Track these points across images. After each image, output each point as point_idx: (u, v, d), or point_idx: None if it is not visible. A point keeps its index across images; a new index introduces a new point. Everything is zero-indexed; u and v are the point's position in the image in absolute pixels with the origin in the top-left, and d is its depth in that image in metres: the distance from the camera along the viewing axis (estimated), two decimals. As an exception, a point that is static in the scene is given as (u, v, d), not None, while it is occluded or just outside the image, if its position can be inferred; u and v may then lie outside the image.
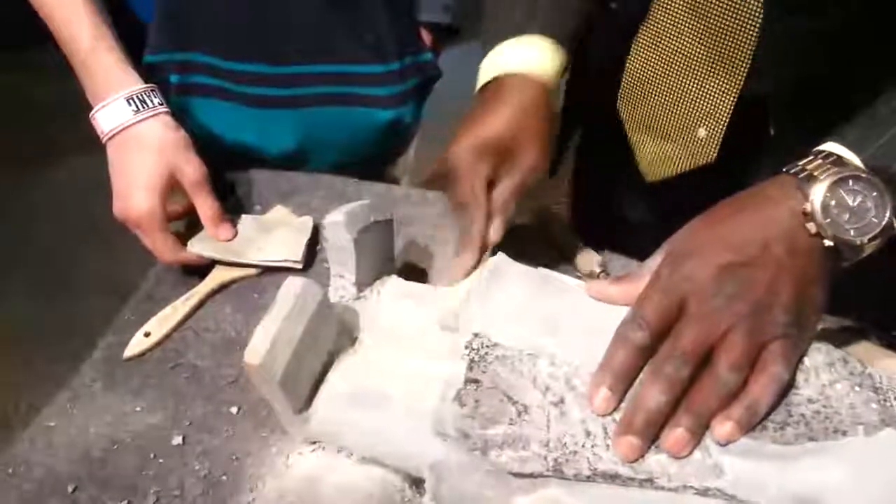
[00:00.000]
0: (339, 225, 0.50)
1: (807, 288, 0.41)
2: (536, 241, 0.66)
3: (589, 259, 0.63)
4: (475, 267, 0.52)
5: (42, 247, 1.86)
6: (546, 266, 0.52)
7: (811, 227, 0.41)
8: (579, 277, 0.61)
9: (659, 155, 0.67)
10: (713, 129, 0.62)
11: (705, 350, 0.40)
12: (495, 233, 0.53)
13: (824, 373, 0.41)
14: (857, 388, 0.41)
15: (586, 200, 0.88)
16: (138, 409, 0.52)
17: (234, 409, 0.52)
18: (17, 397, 1.45)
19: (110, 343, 0.58)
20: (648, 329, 0.41)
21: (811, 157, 0.43)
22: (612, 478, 0.39)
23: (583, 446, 0.40)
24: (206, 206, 0.63)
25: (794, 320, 0.40)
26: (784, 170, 0.44)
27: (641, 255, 0.61)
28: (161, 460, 0.49)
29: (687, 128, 0.64)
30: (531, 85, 0.55)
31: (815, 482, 0.37)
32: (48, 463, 0.49)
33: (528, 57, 0.56)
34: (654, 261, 0.45)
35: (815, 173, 0.41)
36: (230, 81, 0.76)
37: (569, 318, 0.47)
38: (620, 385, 0.41)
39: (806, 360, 0.42)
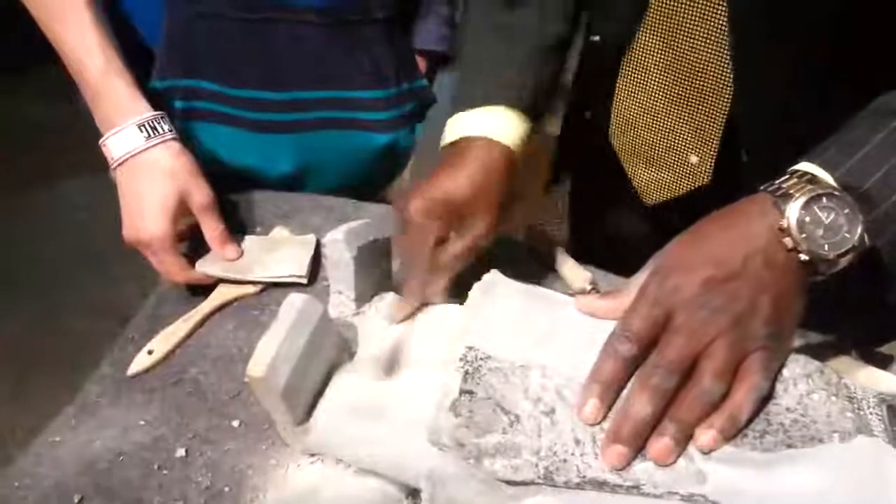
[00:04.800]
0: (339, 242, 0.52)
1: (784, 301, 0.43)
2: (528, 259, 0.68)
3: (579, 276, 0.65)
4: (408, 317, 0.53)
5: (38, 268, 1.87)
6: (537, 283, 0.54)
7: (788, 242, 0.43)
8: (570, 294, 0.63)
9: (654, 181, 0.69)
10: (705, 155, 0.64)
11: (690, 361, 0.42)
12: (434, 292, 0.54)
13: (802, 383, 0.43)
14: (833, 398, 0.42)
15: (584, 220, 0.90)
16: (142, 422, 0.54)
17: (235, 423, 0.54)
18: (13, 419, 1.46)
19: (115, 360, 0.59)
20: (635, 341, 0.43)
21: (787, 176, 0.46)
22: (601, 485, 0.41)
23: (572, 454, 0.41)
24: (213, 228, 0.66)
25: (773, 332, 0.42)
26: (762, 188, 0.46)
27: (636, 269, 0.63)
28: (165, 472, 0.50)
29: (679, 156, 0.66)
30: (494, 149, 0.58)
31: (794, 487, 0.39)
32: (54, 475, 0.50)
33: (493, 124, 0.59)
34: (641, 276, 0.47)
35: (791, 191, 0.44)
36: (232, 107, 0.78)
37: (559, 332, 0.48)
38: (608, 395, 0.43)
39: (785, 371, 0.44)
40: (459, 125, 0.60)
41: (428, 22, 0.87)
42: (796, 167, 0.47)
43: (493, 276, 0.53)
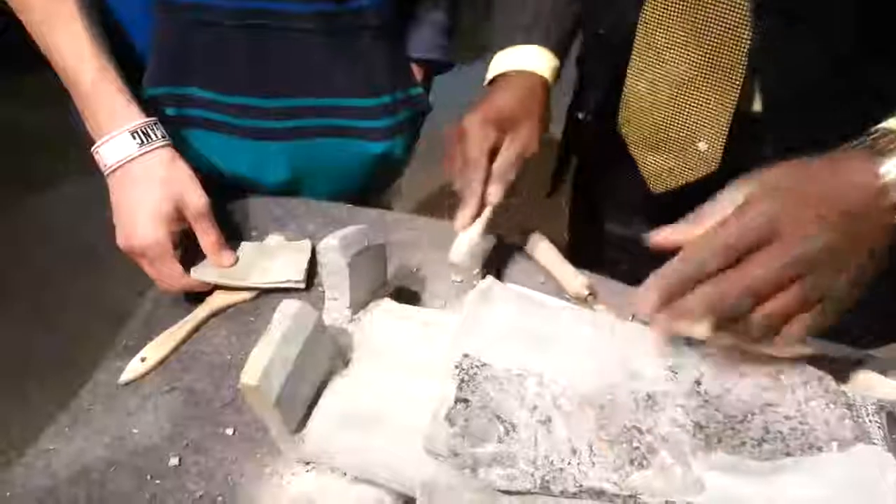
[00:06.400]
0: (333, 249, 0.52)
1: (868, 259, 0.42)
2: (526, 264, 0.68)
3: (577, 281, 0.64)
4: (472, 220, 0.60)
5: (33, 273, 1.87)
6: (535, 288, 0.54)
7: (892, 197, 0.42)
8: (567, 299, 0.62)
9: (663, 168, 0.69)
10: (713, 142, 0.64)
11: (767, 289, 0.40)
12: (493, 195, 0.60)
13: (801, 390, 0.43)
14: (831, 406, 0.42)
15: (584, 221, 0.89)
16: (136, 431, 0.53)
17: (229, 431, 0.53)
18: (9, 423, 1.45)
19: (109, 368, 0.59)
20: (723, 260, 0.41)
21: (878, 134, 0.44)
22: (598, 494, 0.40)
23: (569, 463, 0.41)
24: (208, 235, 0.65)
25: (846, 290, 0.42)
26: (854, 144, 0.45)
27: (634, 274, 0.63)
28: (158, 481, 0.50)
29: (687, 142, 0.66)
30: (533, 78, 0.67)
31: (792, 496, 0.38)
32: (47, 485, 0.50)
33: (531, 59, 0.68)
34: (729, 197, 0.45)
35: (892, 146, 0.43)
36: (226, 114, 0.77)
37: (557, 339, 0.48)
38: (669, 296, 0.42)
39: (783, 378, 0.43)
40: (502, 62, 0.70)
41: (422, 30, 0.86)
42: (883, 125, 0.45)
43: (490, 283, 0.52)
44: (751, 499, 0.39)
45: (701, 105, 0.64)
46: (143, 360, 0.58)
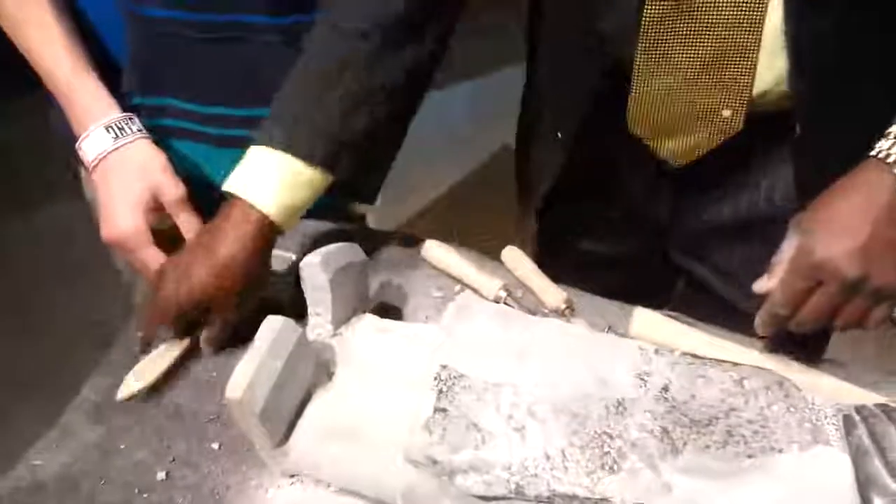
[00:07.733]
0: (315, 266, 0.53)
1: None
2: (504, 279, 0.69)
3: (555, 295, 0.66)
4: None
5: (22, 288, 1.86)
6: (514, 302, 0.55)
7: None
8: (545, 314, 0.64)
9: (683, 145, 0.69)
10: (737, 107, 0.64)
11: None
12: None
13: (763, 396, 0.45)
14: (791, 410, 0.44)
15: (552, 239, 0.90)
16: (123, 446, 0.54)
17: (215, 445, 0.54)
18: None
19: (97, 384, 0.60)
20: (792, 306, 0.50)
21: (892, 142, 0.50)
22: (571, 499, 0.42)
23: (542, 469, 0.43)
24: (187, 223, 0.66)
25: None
26: (870, 154, 0.51)
27: (606, 287, 0.66)
28: (146, 495, 0.51)
29: (710, 115, 0.66)
30: (252, 216, 0.58)
31: (753, 497, 0.40)
32: (35, 500, 0.51)
33: (270, 181, 0.59)
34: (786, 247, 0.53)
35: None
36: (199, 123, 0.78)
37: (533, 351, 0.50)
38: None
39: (745, 383, 0.46)
40: (242, 173, 0.61)
41: None
42: (892, 129, 0.51)
43: (468, 297, 0.54)
44: (714, 500, 0.40)
45: (721, 80, 0.63)
46: (137, 379, 0.58)
